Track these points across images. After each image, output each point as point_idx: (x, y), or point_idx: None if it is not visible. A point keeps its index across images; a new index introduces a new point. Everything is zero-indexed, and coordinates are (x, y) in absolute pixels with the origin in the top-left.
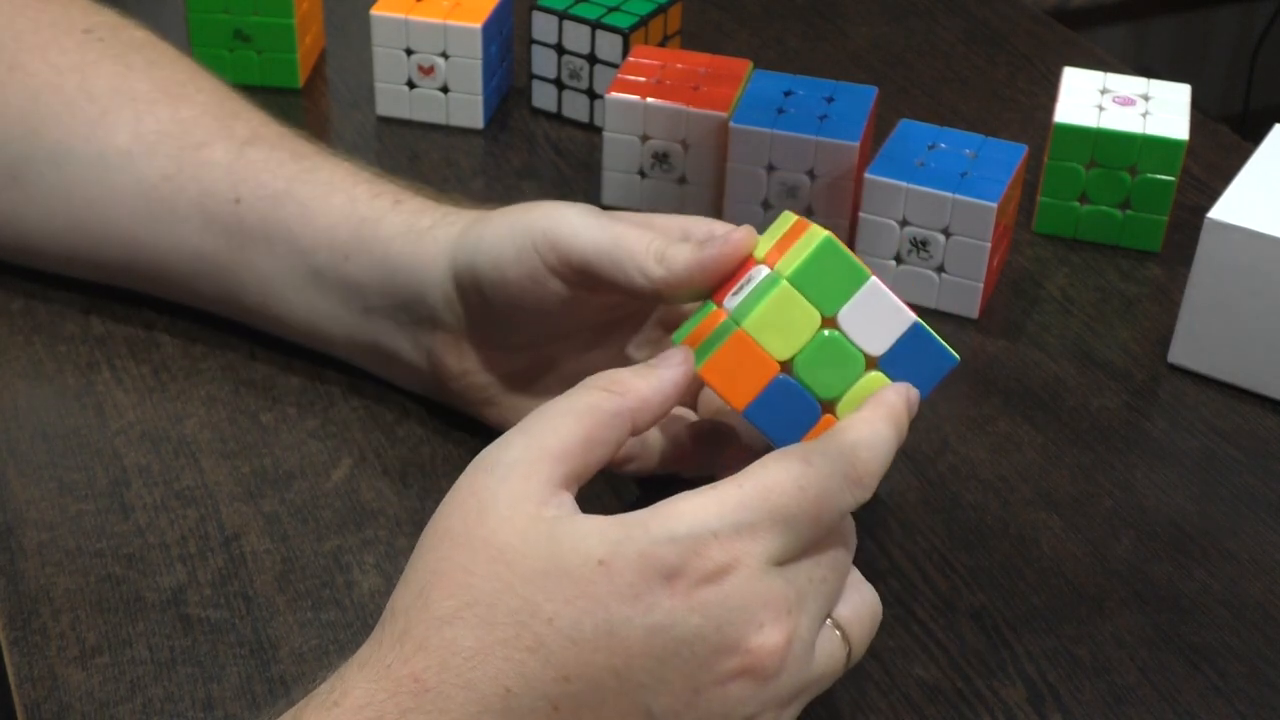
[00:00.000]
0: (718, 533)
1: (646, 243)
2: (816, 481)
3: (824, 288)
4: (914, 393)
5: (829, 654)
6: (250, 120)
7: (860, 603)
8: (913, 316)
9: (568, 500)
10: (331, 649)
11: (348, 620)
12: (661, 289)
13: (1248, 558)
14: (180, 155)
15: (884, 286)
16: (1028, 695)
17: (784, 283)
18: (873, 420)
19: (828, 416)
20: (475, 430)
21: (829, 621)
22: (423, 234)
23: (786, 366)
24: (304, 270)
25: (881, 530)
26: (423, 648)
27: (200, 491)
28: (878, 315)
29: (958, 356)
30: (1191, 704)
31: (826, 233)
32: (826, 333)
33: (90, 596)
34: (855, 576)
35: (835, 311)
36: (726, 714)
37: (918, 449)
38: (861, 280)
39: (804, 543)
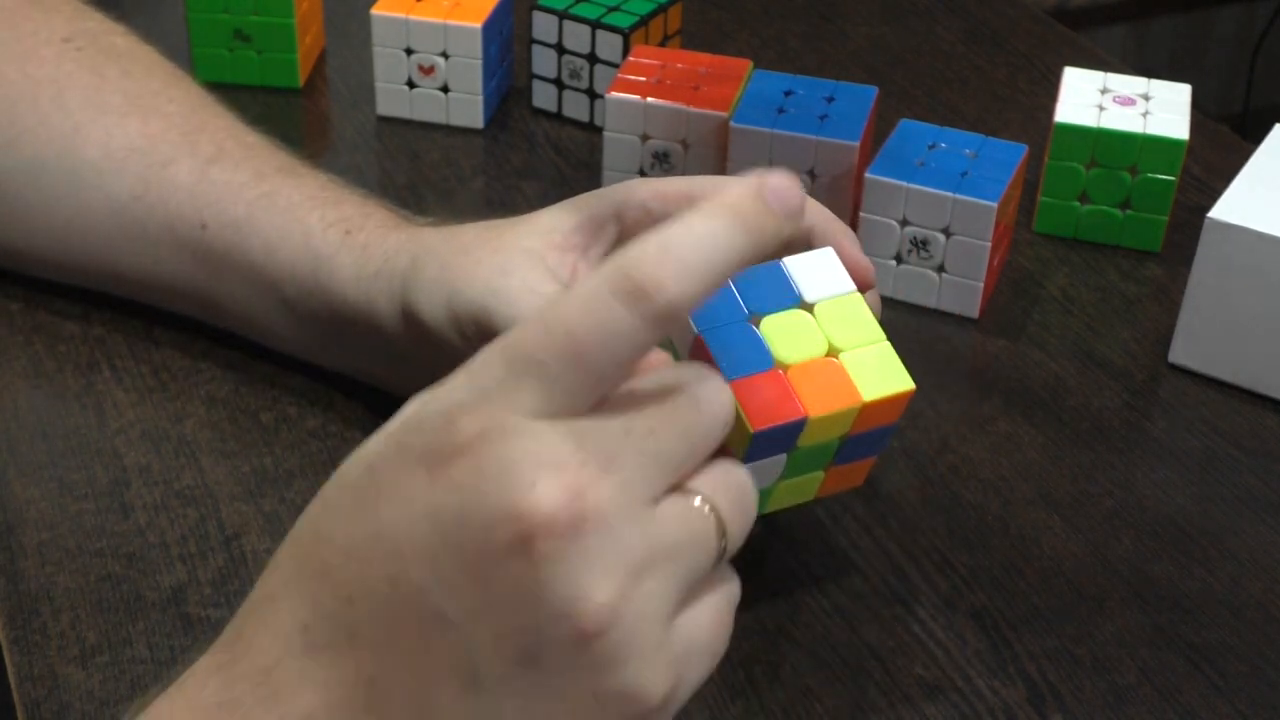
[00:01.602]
0: (463, 403)
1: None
2: (565, 311)
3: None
4: (772, 180)
5: (684, 523)
6: (216, 134)
7: (723, 474)
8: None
9: None
10: None
11: None
12: None
13: (1248, 557)
14: (147, 174)
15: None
16: (1028, 695)
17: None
18: (674, 223)
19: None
20: None
21: (683, 493)
22: (370, 284)
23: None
24: (277, 301)
25: (881, 530)
26: (247, 603)
27: (200, 491)
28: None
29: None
30: (1191, 704)
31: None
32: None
33: (90, 596)
34: (723, 459)
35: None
36: (529, 598)
37: (918, 449)
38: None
39: (575, 385)
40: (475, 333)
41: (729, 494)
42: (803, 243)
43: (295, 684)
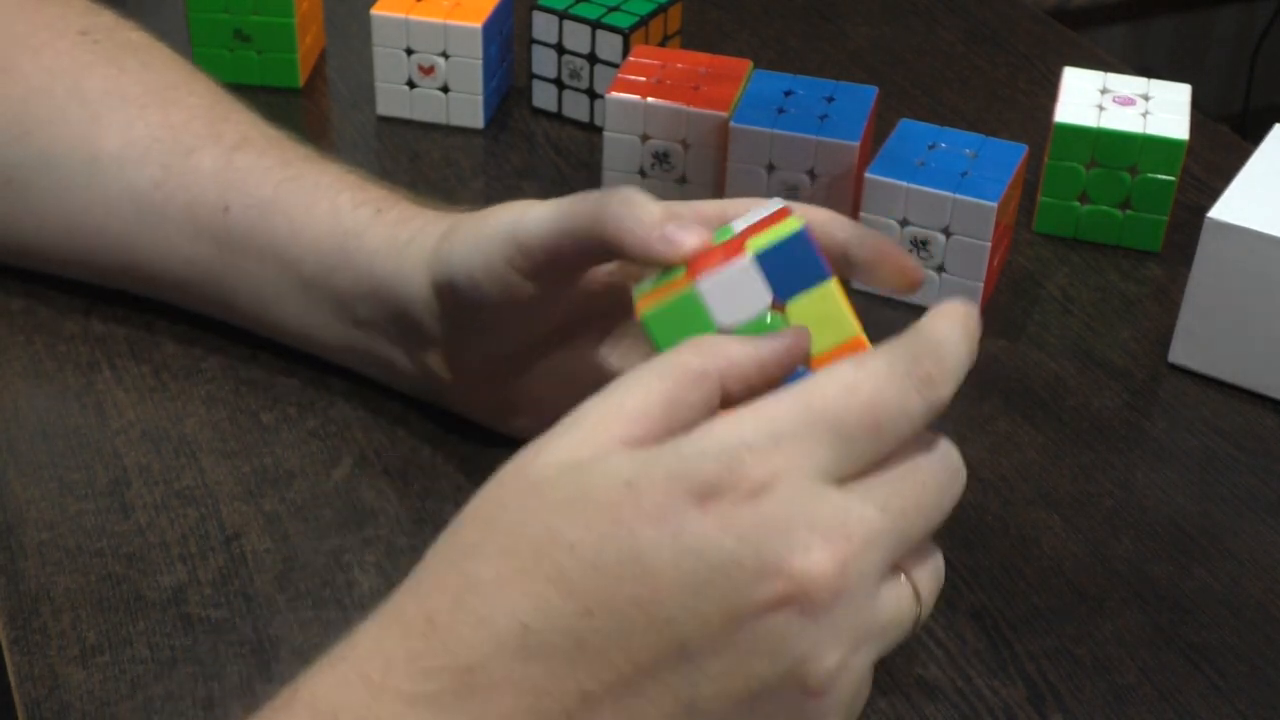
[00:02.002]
0: (753, 446)
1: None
2: (869, 380)
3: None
4: (975, 310)
5: (898, 604)
6: (239, 124)
7: (930, 561)
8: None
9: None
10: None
11: (348, 619)
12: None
13: (1248, 557)
14: (170, 162)
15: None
16: (1028, 695)
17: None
18: (940, 321)
19: None
20: (476, 430)
21: (901, 575)
22: (402, 249)
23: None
24: (294, 281)
25: None
26: (439, 585)
27: (200, 491)
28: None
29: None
30: (1191, 704)
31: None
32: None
33: (90, 596)
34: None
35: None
36: (773, 652)
37: None
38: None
39: (862, 454)
40: (508, 251)
41: (931, 577)
42: (836, 257)
43: (502, 684)
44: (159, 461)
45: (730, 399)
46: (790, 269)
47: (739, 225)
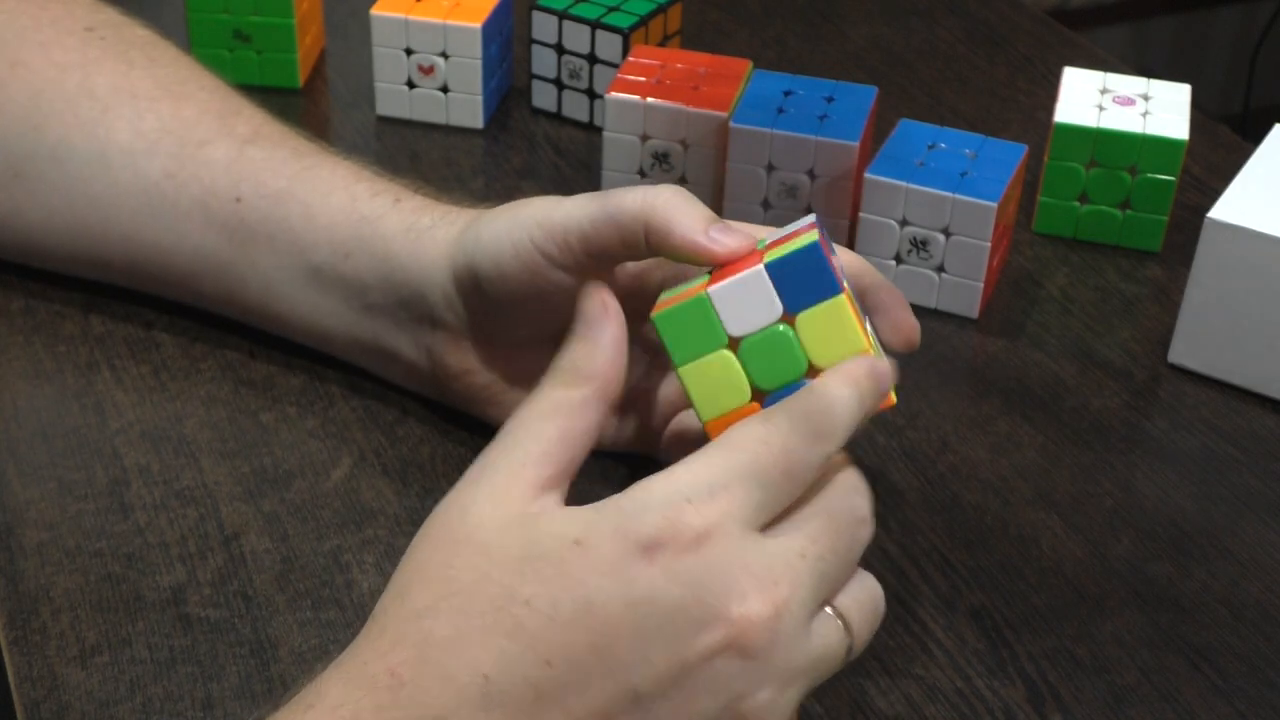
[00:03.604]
0: (690, 498)
1: (693, 213)
2: (778, 435)
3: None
4: (879, 364)
5: (826, 639)
6: (252, 119)
7: (861, 591)
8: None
9: (552, 500)
10: (331, 648)
11: (347, 620)
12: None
13: (1248, 558)
14: (181, 153)
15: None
16: (1028, 695)
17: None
18: (825, 382)
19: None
20: (475, 430)
21: (829, 609)
22: (423, 233)
23: (734, 344)
24: (305, 268)
25: (881, 530)
26: (399, 641)
27: (200, 491)
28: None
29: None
30: (1191, 704)
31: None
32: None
33: (90, 596)
34: (862, 572)
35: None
36: (714, 692)
37: (918, 449)
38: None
39: (779, 500)
40: (541, 240)
41: (863, 610)
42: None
43: None
44: (158, 461)
45: (611, 400)
46: (802, 281)
47: (771, 237)
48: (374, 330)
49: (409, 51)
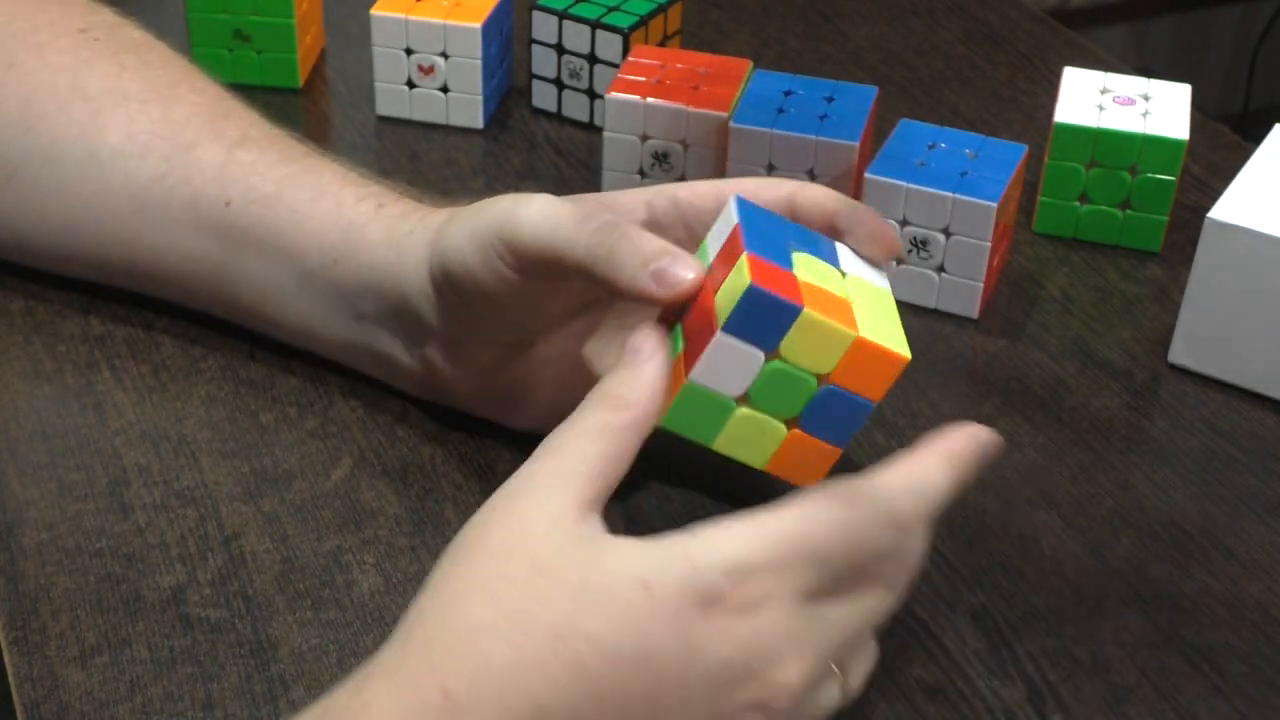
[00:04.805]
0: (756, 566)
1: (639, 247)
2: (855, 522)
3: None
4: (985, 435)
5: (830, 697)
6: (241, 121)
7: (866, 655)
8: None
9: (596, 521)
10: (331, 648)
11: (347, 620)
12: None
13: (1248, 558)
14: (171, 156)
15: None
16: (1028, 695)
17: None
18: (922, 462)
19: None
20: (475, 430)
21: (833, 666)
22: (402, 240)
23: (743, 398)
24: (295, 274)
25: None
26: (453, 657)
27: (200, 491)
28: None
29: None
30: (1191, 704)
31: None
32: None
33: (90, 596)
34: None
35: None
36: None
37: None
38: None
39: (835, 581)
40: (498, 248)
41: (859, 677)
42: (824, 228)
43: None
44: (158, 462)
45: (645, 434)
46: (762, 320)
47: (713, 245)
48: (368, 336)
49: (409, 51)
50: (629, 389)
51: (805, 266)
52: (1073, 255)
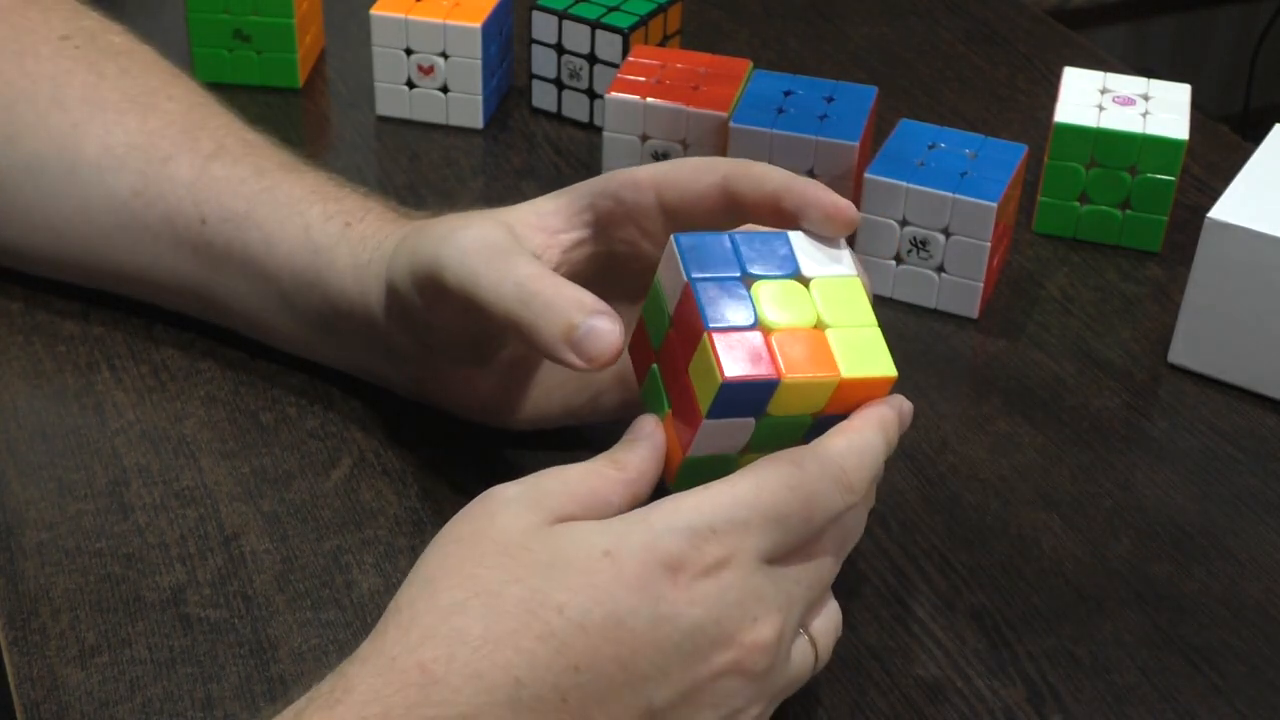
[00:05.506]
0: (715, 527)
1: (558, 315)
2: (806, 482)
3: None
4: (905, 404)
5: (804, 660)
6: (216, 131)
7: (827, 614)
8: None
9: (563, 527)
10: (331, 649)
11: (347, 620)
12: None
13: (1248, 558)
14: (147, 170)
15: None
16: (1028, 695)
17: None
18: (861, 428)
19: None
20: (475, 430)
21: (802, 632)
22: (364, 269)
23: (745, 448)
24: (275, 294)
25: (881, 530)
26: (430, 637)
27: (200, 491)
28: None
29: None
30: (1191, 704)
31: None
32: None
33: (90, 596)
34: (831, 598)
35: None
36: (716, 706)
37: (918, 449)
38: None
39: (794, 541)
40: (429, 285)
41: (828, 636)
42: (770, 208)
43: None
44: (158, 462)
45: (634, 503)
46: (743, 400)
47: (667, 293)
48: (353, 352)
49: (409, 51)
50: (626, 457)
51: (768, 300)
52: (1073, 255)
